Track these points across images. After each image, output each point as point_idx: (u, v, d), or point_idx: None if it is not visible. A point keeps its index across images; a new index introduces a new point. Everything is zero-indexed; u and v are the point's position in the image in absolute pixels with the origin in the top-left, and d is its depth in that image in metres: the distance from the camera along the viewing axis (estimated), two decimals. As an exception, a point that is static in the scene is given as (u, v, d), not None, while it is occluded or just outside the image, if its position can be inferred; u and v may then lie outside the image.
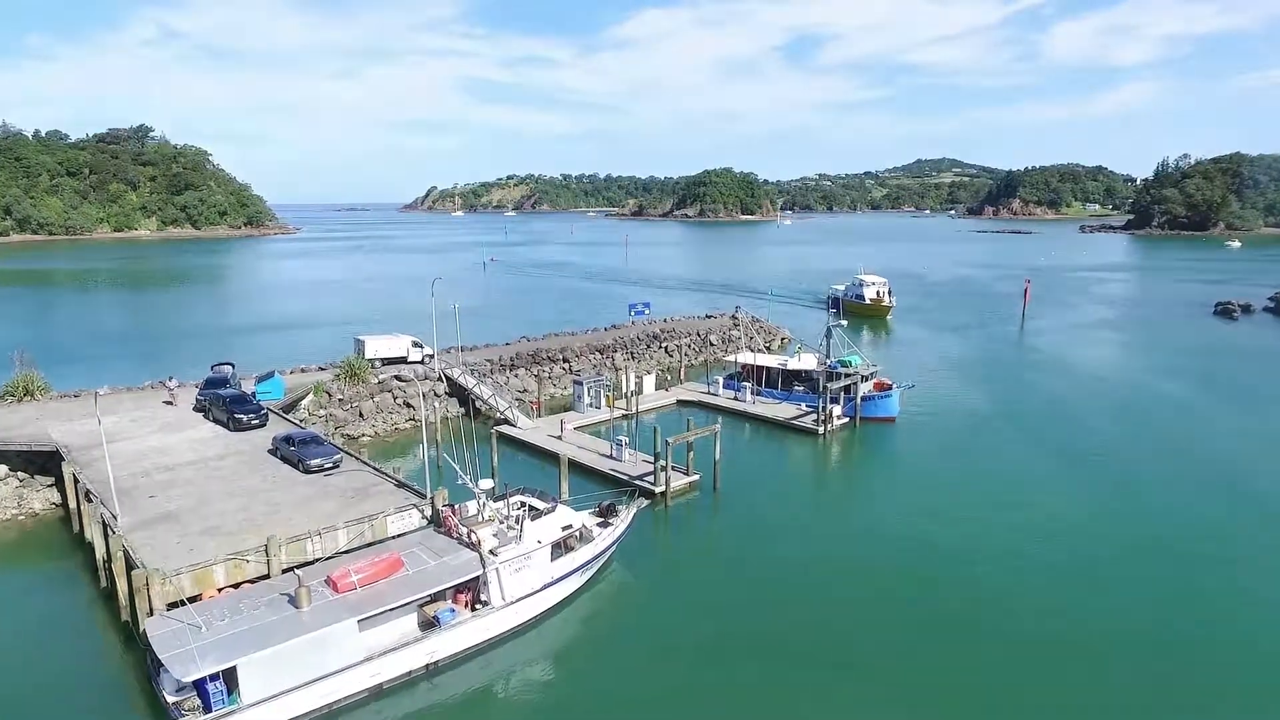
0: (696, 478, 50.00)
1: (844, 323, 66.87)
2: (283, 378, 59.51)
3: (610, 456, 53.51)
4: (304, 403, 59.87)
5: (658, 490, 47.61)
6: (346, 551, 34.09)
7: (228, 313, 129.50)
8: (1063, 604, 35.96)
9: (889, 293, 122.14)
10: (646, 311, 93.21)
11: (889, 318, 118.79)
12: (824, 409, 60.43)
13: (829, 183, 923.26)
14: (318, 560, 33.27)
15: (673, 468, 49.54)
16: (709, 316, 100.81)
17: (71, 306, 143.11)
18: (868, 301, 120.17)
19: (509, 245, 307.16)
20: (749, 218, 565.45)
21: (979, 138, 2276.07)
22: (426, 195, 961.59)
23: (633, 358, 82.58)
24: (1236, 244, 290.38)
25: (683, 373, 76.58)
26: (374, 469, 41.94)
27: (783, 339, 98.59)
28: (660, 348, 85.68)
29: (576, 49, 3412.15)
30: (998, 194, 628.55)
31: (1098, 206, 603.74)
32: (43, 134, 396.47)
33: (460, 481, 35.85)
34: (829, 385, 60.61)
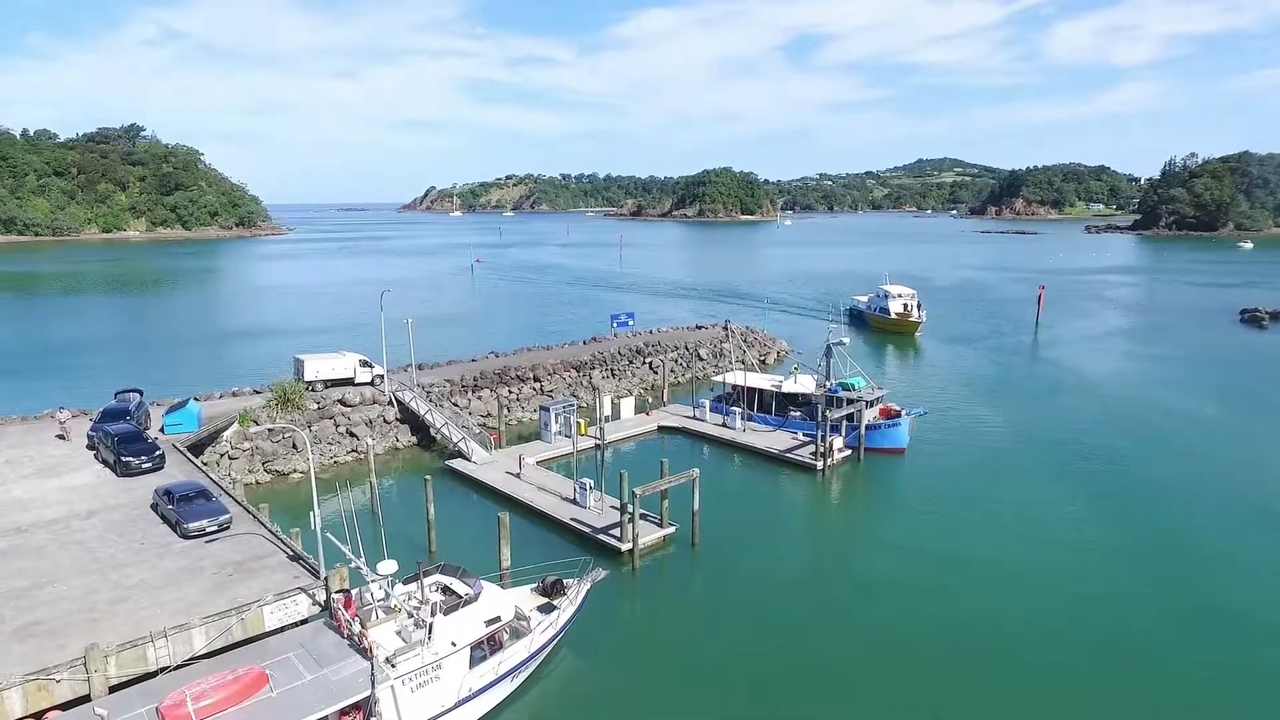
0: (672, 530, 42.40)
1: (846, 340, 59.15)
2: (200, 405, 51.75)
3: (573, 501, 45.86)
4: (226, 434, 52.23)
5: (624, 547, 39.98)
6: (206, 655, 26.44)
7: (177, 322, 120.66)
8: (1109, 677, 28.61)
9: (918, 306, 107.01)
10: (630, 323, 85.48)
11: (917, 335, 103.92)
12: (823, 440, 52.74)
13: (830, 182, 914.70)
14: (164, 671, 25.61)
15: (643, 517, 42.08)
16: (699, 327, 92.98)
17: (9, 313, 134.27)
18: (893, 316, 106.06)
19: (501, 247, 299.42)
20: (749, 218, 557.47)
21: (980, 137, 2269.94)
22: (425, 195, 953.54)
23: (613, 375, 74.93)
24: (1249, 245, 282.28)
25: (666, 393, 68.88)
26: (270, 533, 34.23)
27: (780, 352, 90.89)
28: (644, 363, 77.95)
29: (577, 49, 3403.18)
30: (1000, 194, 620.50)
31: (1101, 206, 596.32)
32: (31, 133, 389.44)
33: (352, 565, 28.16)
34: (829, 414, 52.89)
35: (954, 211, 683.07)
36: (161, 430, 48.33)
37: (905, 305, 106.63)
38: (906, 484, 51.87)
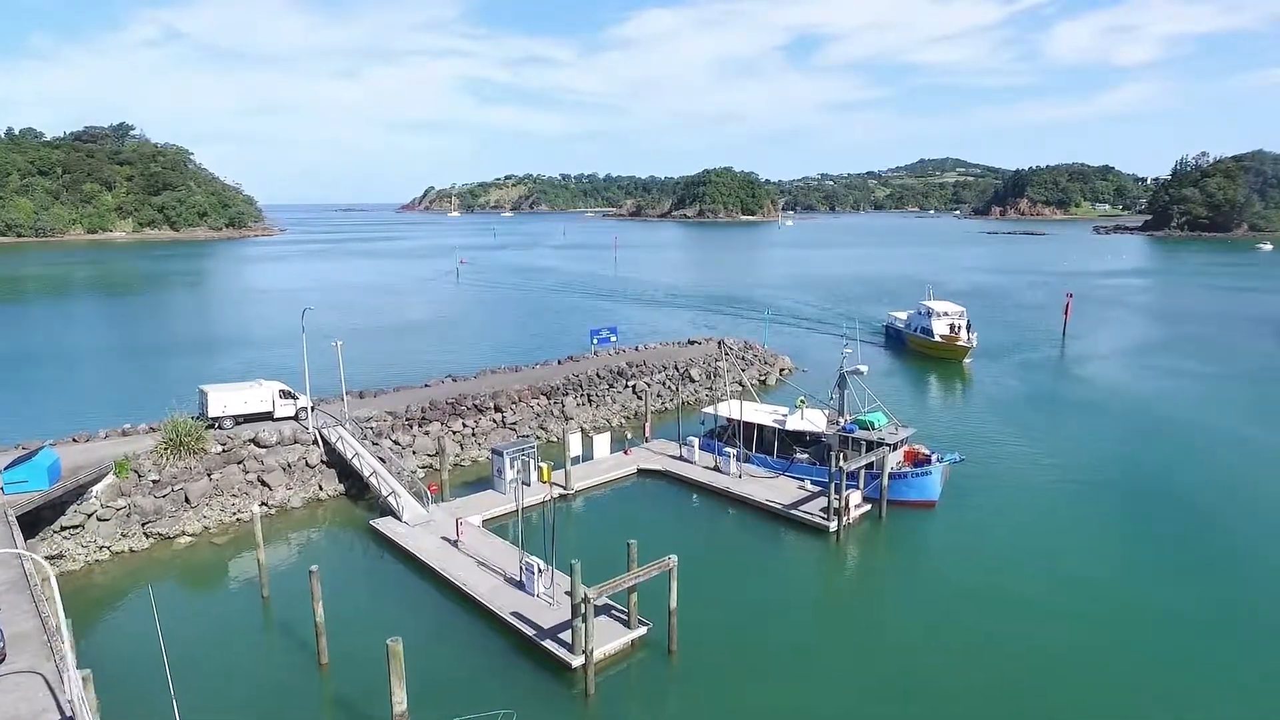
0: (642, 632, 32.34)
1: (863, 369, 48.96)
2: (56, 454, 41.49)
3: (517, 584, 35.79)
4: (98, 489, 42.17)
5: (575, 662, 29.92)
6: None
7: (97, 336, 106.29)
8: None
9: (967, 327, 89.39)
10: (613, 340, 75.40)
11: (966, 361, 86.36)
12: (838, 493, 42.57)
13: (831, 182, 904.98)
14: None
15: (605, 610, 32.23)
16: (691, 343, 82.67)
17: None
18: (937, 338, 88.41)
19: (493, 249, 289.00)
20: (750, 218, 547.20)
21: (981, 137, 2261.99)
22: (424, 196, 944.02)
23: (589, 401, 64.83)
24: (1268, 246, 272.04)
25: (649, 426, 58.52)
26: (57, 670, 24.11)
27: (782, 370, 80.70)
28: (626, 386, 67.83)
29: (577, 49, 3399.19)
30: (1005, 194, 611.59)
31: (1108, 207, 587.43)
32: (16, 132, 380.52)
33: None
34: (845, 464, 42.74)
35: (957, 212, 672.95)
36: (1, 490, 38.29)
37: (952, 326, 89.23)
38: (941, 549, 41.77)
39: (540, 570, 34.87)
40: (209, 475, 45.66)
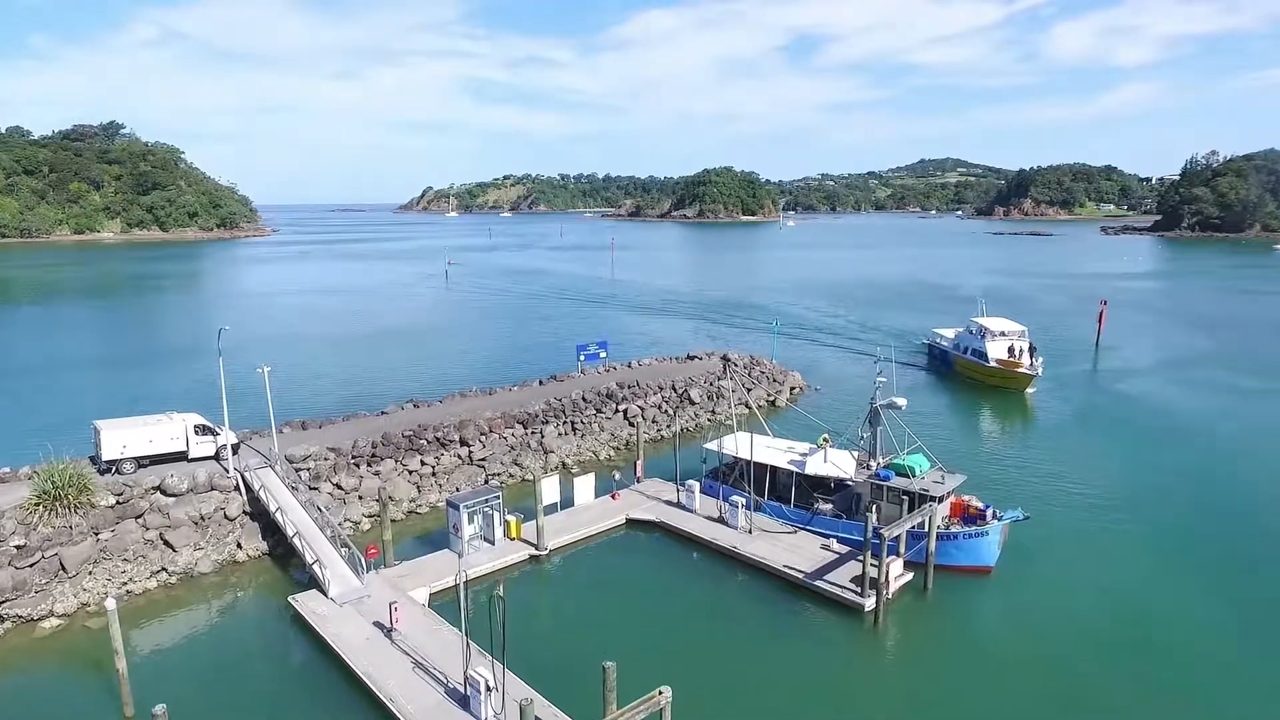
0: (623, 784, 23.63)
1: (901, 402, 40.25)
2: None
3: (462, 699, 27.09)
4: (-58, 559, 33.46)
5: (528, 843, 21.24)
6: None
7: (19, 352, 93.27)
8: None
9: (1030, 350, 74.59)
10: (602, 356, 66.72)
11: (1029, 391, 72.36)
12: (876, 559, 33.84)
13: (832, 183, 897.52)
14: None
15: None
16: (690, 358, 73.74)
17: None
18: (992, 362, 73.69)
19: (487, 250, 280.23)
20: (750, 218, 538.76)
21: (982, 138, 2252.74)
22: (422, 196, 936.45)
23: (573, 430, 56.09)
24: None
25: (641, 463, 49.54)
26: None
27: (793, 389, 71.93)
28: (617, 411, 59.13)
29: (577, 49, 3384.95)
30: (1008, 194, 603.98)
31: (1112, 207, 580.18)
32: (2, 130, 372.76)
33: None
34: (886, 529, 33.99)
35: (960, 212, 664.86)
36: None
37: (1011, 348, 74.09)
38: (1009, 634, 33.01)
39: (490, 686, 26.14)
40: (96, 535, 36.98)
